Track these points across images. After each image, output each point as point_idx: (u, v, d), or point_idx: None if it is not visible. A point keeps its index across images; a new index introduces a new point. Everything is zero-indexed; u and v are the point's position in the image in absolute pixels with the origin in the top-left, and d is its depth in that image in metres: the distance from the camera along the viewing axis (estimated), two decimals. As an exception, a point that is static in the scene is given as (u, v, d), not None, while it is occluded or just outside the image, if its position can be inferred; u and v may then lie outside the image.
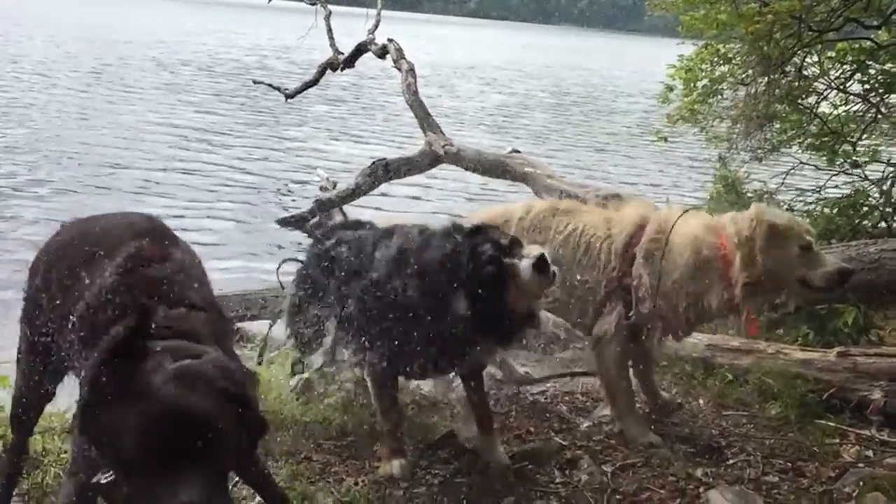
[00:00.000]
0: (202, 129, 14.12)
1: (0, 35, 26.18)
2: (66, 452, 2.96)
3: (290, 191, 10.72)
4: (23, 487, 2.79)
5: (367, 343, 3.04)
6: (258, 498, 2.67)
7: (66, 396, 2.73)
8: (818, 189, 6.63)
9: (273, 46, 31.99)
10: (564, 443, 3.46)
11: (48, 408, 2.80)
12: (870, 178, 6.20)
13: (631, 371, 3.67)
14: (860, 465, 3.28)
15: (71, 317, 2.10)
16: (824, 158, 6.51)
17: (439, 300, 2.79)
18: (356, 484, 2.98)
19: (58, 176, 10.05)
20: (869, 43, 6.12)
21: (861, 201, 5.90)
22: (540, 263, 2.77)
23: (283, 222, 9.04)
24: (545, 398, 4.01)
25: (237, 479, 2.61)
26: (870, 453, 3.42)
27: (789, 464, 3.34)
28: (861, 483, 3.03)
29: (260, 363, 4.20)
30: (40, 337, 2.43)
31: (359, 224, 3.48)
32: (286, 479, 2.94)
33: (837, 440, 3.54)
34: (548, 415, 3.80)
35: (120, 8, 45.12)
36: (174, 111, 15.66)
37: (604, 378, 3.60)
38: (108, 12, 40.50)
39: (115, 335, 1.73)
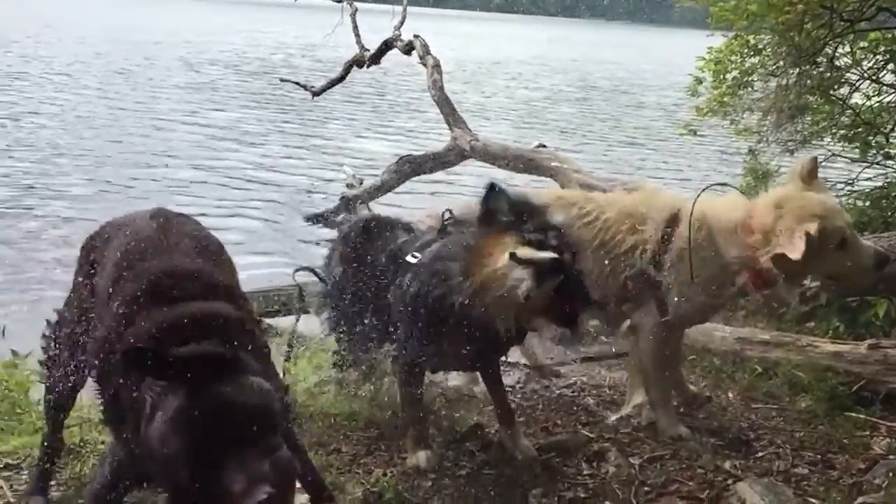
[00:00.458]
0: (229, 128, 14.30)
1: (30, 37, 26.65)
2: (102, 443, 3.03)
3: (316, 187, 10.81)
4: (61, 477, 2.86)
5: (396, 337, 3.07)
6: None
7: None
8: (850, 181, 6.54)
9: (299, 45, 32.20)
10: (591, 435, 3.46)
11: (86, 399, 2.88)
12: (903, 169, 6.11)
13: None
14: (891, 457, 3.25)
15: (103, 313, 2.15)
16: (857, 150, 6.42)
17: (451, 295, 2.76)
18: (385, 475, 3.01)
19: (88, 175, 10.24)
20: (902, 32, 6.02)
21: (894, 193, 5.81)
22: (543, 272, 2.60)
23: (311, 219, 9.13)
24: (572, 391, 4.02)
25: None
26: (901, 446, 3.39)
27: (819, 456, 3.32)
28: (891, 474, 3.00)
29: (288, 359, 4.25)
30: (72, 330, 2.49)
31: (390, 221, 3.44)
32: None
33: (868, 432, 3.50)
34: (574, 408, 3.81)
35: (147, 8, 45.65)
36: (201, 110, 15.85)
37: (641, 369, 3.61)
38: (135, 13, 41.00)
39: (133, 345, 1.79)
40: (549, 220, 2.82)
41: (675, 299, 3.37)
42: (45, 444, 2.73)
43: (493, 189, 2.81)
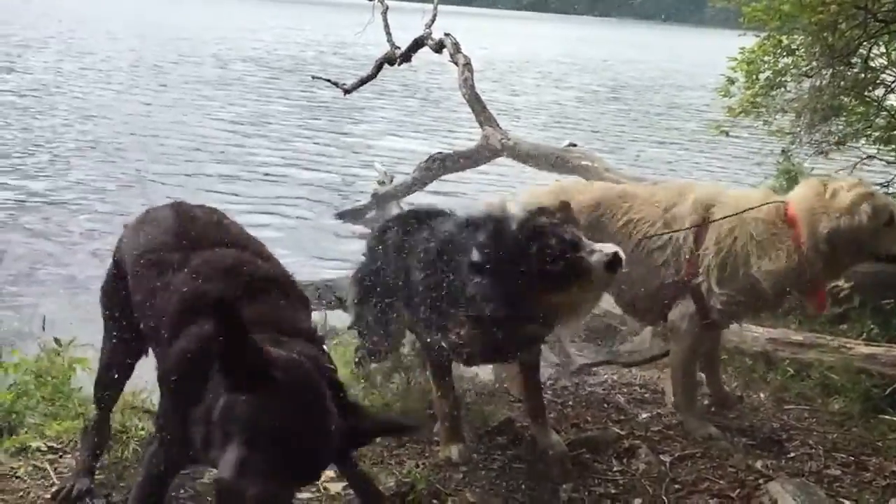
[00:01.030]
0: (260, 125, 14.44)
1: (62, 32, 27.09)
2: (143, 429, 3.11)
3: (348, 183, 10.91)
4: (104, 462, 2.93)
5: (429, 330, 3.10)
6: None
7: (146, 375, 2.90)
8: (887, 183, 6.46)
9: (329, 42, 32.41)
10: (622, 432, 3.48)
11: (127, 387, 2.97)
12: (940, 172, 6.03)
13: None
14: (926, 460, 3.24)
15: (155, 300, 2.23)
16: (892, 152, 6.35)
17: (505, 292, 2.79)
18: (417, 466, 3.05)
19: (121, 170, 10.41)
20: (939, 33, 5.94)
21: (930, 195, 5.74)
22: (613, 263, 2.73)
23: (343, 215, 9.24)
24: (603, 389, 4.04)
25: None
26: (936, 449, 3.36)
27: (852, 458, 3.32)
28: (926, 477, 2.99)
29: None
30: (121, 317, 2.57)
31: (429, 213, 3.43)
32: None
33: (904, 435, 3.50)
34: (605, 405, 3.83)
35: (179, 6, 46.18)
36: (232, 106, 16.03)
37: (672, 368, 3.62)
38: (168, 10, 41.49)
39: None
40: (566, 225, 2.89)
41: (712, 303, 3.38)
42: (94, 429, 2.81)
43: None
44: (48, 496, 2.75)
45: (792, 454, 3.36)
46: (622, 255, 2.76)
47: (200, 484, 2.81)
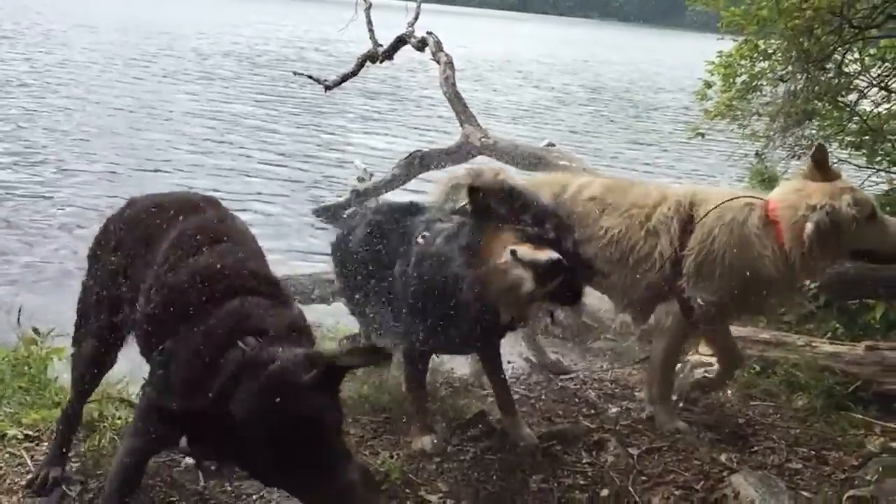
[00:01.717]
0: (240, 121, 14.38)
1: (42, 24, 26.80)
2: (119, 419, 3.14)
3: (326, 176, 10.95)
4: (80, 450, 2.96)
5: (403, 323, 3.16)
6: None
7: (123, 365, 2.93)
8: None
9: (311, 39, 32.30)
10: (592, 426, 3.56)
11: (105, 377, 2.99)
12: (909, 176, 6.17)
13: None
14: (884, 455, 3.34)
15: (141, 289, 2.26)
16: (864, 156, 6.48)
17: (454, 281, 2.83)
18: (391, 457, 3.11)
19: (97, 163, 10.35)
20: (912, 41, 6.08)
21: (899, 199, 5.87)
22: (544, 273, 2.63)
23: (320, 212, 9.25)
24: (574, 384, 4.12)
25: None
26: (895, 444, 3.47)
27: (813, 452, 3.42)
28: (881, 470, 3.08)
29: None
30: (103, 307, 2.59)
31: (399, 206, 3.50)
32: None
33: (863, 432, 3.60)
34: (576, 400, 3.91)
35: (160, 0, 45.81)
36: (214, 102, 15.96)
37: (651, 362, 3.70)
38: (148, 4, 41.13)
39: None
40: (546, 209, 2.89)
41: (698, 302, 3.41)
42: (67, 416, 2.83)
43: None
44: (23, 483, 2.77)
45: (755, 448, 3.45)
46: (557, 264, 2.63)
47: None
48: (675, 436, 3.48)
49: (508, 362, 3.98)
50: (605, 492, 3.04)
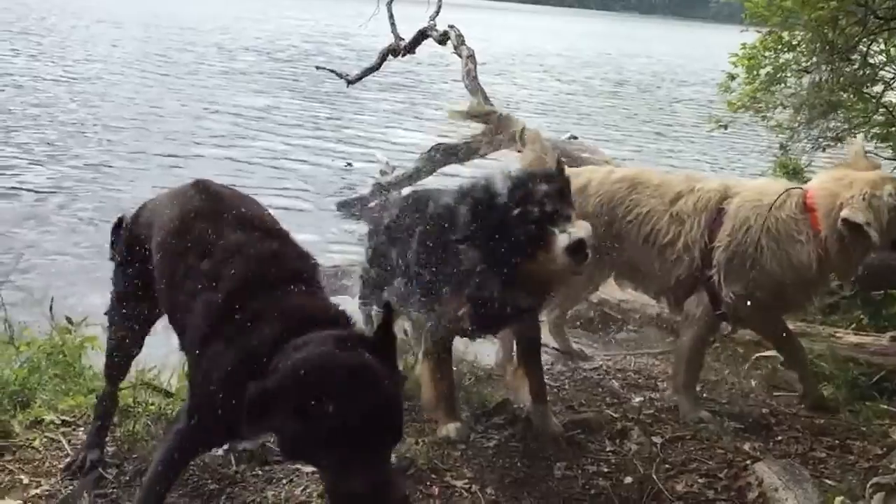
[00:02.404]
0: (263, 115, 14.51)
1: (56, 16, 27.11)
2: (153, 405, 3.23)
3: (349, 165, 11.02)
4: (115, 435, 3.04)
5: (427, 307, 3.20)
6: None
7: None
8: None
9: (332, 33, 32.40)
10: (615, 415, 3.59)
11: (138, 364, 3.08)
12: (936, 167, 6.11)
13: None
14: (909, 444, 3.35)
15: (178, 279, 2.32)
16: (890, 148, 6.43)
17: (476, 252, 2.91)
18: (416, 444, 3.16)
19: (119, 155, 10.51)
20: (938, 31, 6.02)
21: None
22: (575, 247, 2.75)
23: (344, 205, 9.33)
24: (598, 374, 4.14)
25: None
26: (920, 435, 3.47)
27: (837, 441, 3.42)
28: (907, 458, 3.10)
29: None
30: (133, 293, 2.67)
31: (428, 193, 3.53)
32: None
33: (887, 422, 3.59)
34: (599, 389, 3.94)
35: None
36: (236, 97, 16.10)
37: (677, 352, 3.71)
38: (170, 1, 41.47)
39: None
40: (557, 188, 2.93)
41: (731, 298, 3.41)
42: (104, 401, 2.91)
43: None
44: (62, 466, 2.86)
45: (779, 438, 3.46)
46: (589, 241, 2.77)
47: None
48: (699, 425, 3.50)
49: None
50: (628, 479, 3.07)
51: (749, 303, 3.42)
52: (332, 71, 12.28)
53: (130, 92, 15.27)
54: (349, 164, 11.24)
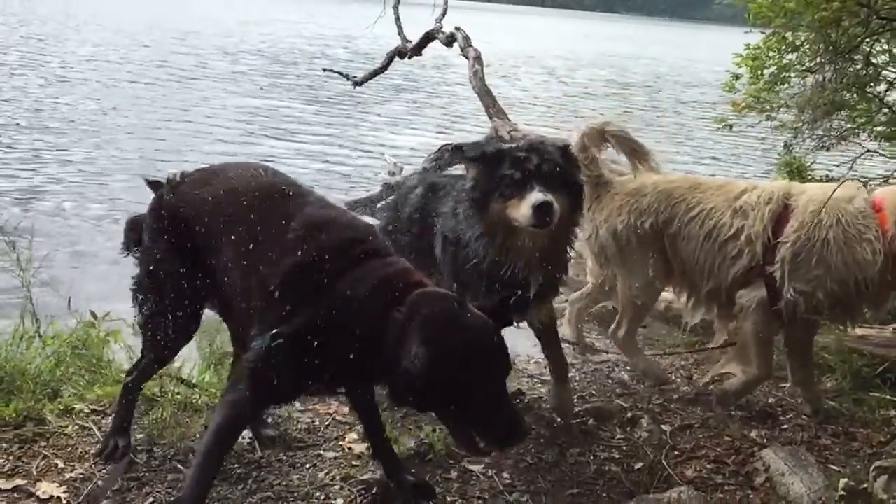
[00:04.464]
0: (268, 117, 14.61)
1: (61, 22, 27.26)
2: (178, 394, 3.34)
3: (357, 169, 11.13)
4: (143, 423, 3.15)
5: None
6: None
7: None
8: (886, 178, 6.63)
9: (336, 35, 32.54)
10: (625, 405, 3.70)
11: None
12: (940, 167, 6.20)
13: None
14: (912, 431, 3.44)
15: (259, 251, 2.44)
16: (894, 147, 6.51)
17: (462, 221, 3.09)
18: (434, 430, 3.26)
19: (126, 161, 10.61)
20: (940, 31, 6.09)
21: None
22: (540, 205, 2.84)
23: (352, 205, 9.42)
24: (607, 366, 4.25)
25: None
26: (922, 422, 3.57)
27: (841, 429, 3.53)
28: (908, 443, 3.19)
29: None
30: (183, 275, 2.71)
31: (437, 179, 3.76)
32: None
33: (892, 412, 3.69)
34: (610, 381, 4.05)
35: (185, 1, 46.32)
36: (240, 99, 16.21)
37: (743, 342, 3.75)
38: (175, 5, 41.62)
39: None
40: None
41: (792, 295, 3.41)
42: (129, 390, 3.00)
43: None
44: (94, 452, 2.97)
45: (785, 426, 3.58)
46: (554, 207, 2.85)
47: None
48: (707, 414, 3.60)
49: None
50: (639, 465, 3.18)
51: (814, 302, 3.41)
52: (339, 73, 12.36)
53: (131, 96, 15.37)
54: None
